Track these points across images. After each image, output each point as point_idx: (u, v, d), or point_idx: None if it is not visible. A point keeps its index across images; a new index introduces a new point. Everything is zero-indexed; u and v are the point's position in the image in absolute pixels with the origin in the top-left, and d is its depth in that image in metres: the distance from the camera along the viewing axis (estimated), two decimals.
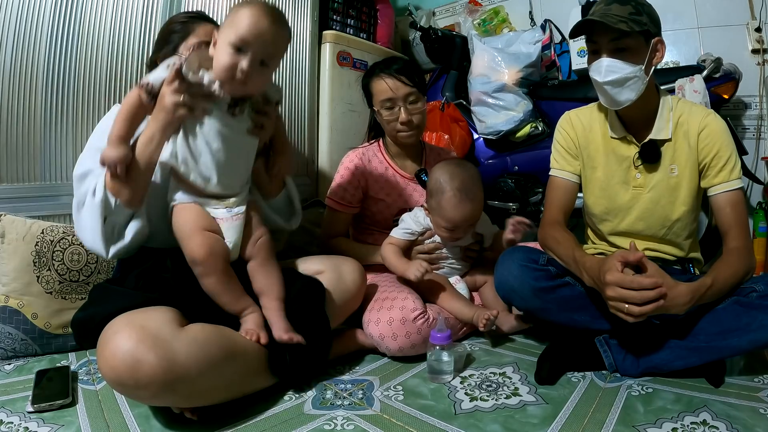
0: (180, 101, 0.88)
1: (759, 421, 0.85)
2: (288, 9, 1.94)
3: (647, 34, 1.04)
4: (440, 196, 1.26)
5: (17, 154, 1.27)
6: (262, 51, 0.88)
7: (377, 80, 1.42)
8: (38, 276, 1.21)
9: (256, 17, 0.87)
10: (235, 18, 0.88)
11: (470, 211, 1.27)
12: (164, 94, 0.89)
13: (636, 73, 1.04)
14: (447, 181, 1.26)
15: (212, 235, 0.96)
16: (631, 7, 1.03)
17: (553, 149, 1.27)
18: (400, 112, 1.40)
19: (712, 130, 1.08)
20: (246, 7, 0.88)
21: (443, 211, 1.26)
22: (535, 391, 1.00)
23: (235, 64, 0.87)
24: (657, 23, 1.07)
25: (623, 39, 1.03)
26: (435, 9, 2.79)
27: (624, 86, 1.06)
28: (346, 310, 1.19)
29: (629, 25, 1.01)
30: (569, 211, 1.24)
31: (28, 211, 1.28)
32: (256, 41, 0.87)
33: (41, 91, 1.30)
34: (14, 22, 1.23)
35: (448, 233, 1.30)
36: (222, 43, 0.88)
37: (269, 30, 0.87)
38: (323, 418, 0.90)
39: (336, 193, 1.48)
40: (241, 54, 0.87)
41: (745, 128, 1.96)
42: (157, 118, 0.90)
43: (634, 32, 1.01)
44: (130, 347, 0.76)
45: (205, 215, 0.97)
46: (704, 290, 0.95)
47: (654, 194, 1.14)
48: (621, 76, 1.04)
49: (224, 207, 0.98)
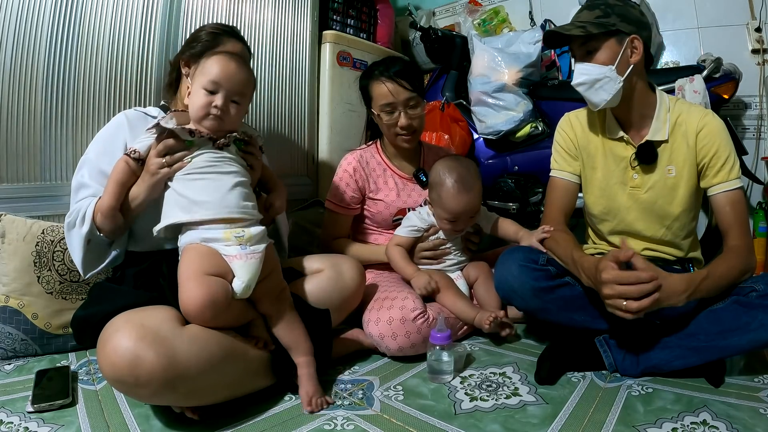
0: (162, 163, 0.95)
1: (759, 421, 0.86)
2: (288, 9, 1.94)
3: (616, 33, 1.05)
4: (440, 188, 1.32)
5: (17, 154, 1.27)
6: (232, 90, 0.97)
7: (377, 83, 1.40)
8: (38, 276, 1.21)
9: (223, 62, 0.97)
10: (205, 66, 0.98)
11: (469, 201, 1.32)
12: (150, 157, 0.97)
13: (606, 74, 1.06)
14: (446, 174, 1.32)
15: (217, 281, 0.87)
16: (599, 11, 1.06)
17: (553, 150, 1.28)
18: (399, 117, 1.39)
19: (711, 130, 1.08)
20: (213, 56, 0.99)
21: (443, 201, 1.31)
22: (535, 391, 1.00)
23: (210, 103, 0.95)
24: (635, 22, 1.06)
25: (588, 42, 1.07)
26: (435, 9, 2.79)
27: (594, 87, 1.08)
28: (345, 308, 1.19)
29: (587, 29, 1.04)
30: (569, 212, 1.24)
31: (29, 211, 1.28)
32: (226, 82, 0.96)
33: (41, 91, 1.30)
34: (14, 22, 1.24)
35: (450, 225, 1.35)
36: (196, 88, 0.97)
37: (236, 71, 0.98)
38: (323, 418, 0.90)
39: (335, 195, 1.48)
40: (214, 95, 0.95)
41: (745, 128, 1.96)
42: (144, 179, 0.98)
43: (594, 35, 1.04)
44: (130, 345, 0.76)
45: (214, 256, 0.90)
46: (699, 281, 0.95)
47: (651, 195, 1.14)
48: (589, 77, 1.07)
49: (238, 244, 0.91)
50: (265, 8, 1.85)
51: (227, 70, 0.96)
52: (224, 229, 0.91)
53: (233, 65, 0.97)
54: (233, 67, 0.97)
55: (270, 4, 1.87)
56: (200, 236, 0.91)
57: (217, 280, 0.87)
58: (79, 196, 1.05)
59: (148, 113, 1.15)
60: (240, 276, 0.90)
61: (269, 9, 1.87)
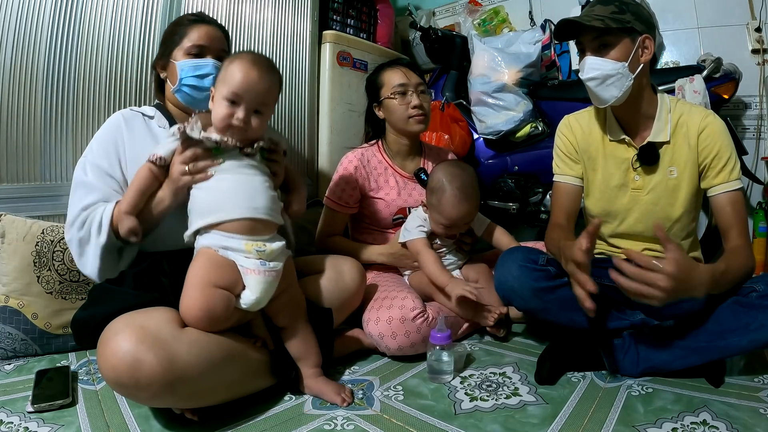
0: (185, 170, 0.93)
1: (759, 421, 0.86)
2: (288, 9, 1.94)
3: (631, 32, 1.04)
4: (441, 194, 1.31)
5: (17, 154, 1.27)
6: (253, 101, 0.93)
7: (390, 70, 1.49)
8: (38, 276, 1.21)
9: (245, 71, 0.92)
10: (227, 73, 0.94)
11: (468, 210, 1.32)
12: (174, 163, 0.95)
13: (619, 70, 1.05)
14: (448, 181, 1.31)
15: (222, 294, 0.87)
16: (614, 7, 1.05)
17: (555, 155, 1.27)
18: (412, 97, 1.45)
19: (712, 131, 1.08)
20: (236, 62, 0.94)
21: (443, 208, 1.30)
22: (535, 391, 1.00)
23: (231, 115, 0.92)
24: (646, 22, 1.06)
25: (604, 36, 1.05)
26: (435, 9, 2.79)
27: (606, 83, 1.07)
28: (346, 309, 1.19)
29: (606, 22, 1.03)
30: (574, 214, 1.24)
31: (28, 211, 1.28)
32: (247, 94, 0.92)
33: (41, 91, 1.30)
34: (14, 22, 1.24)
35: (445, 230, 1.34)
36: (218, 98, 0.93)
37: (258, 82, 0.93)
38: (323, 418, 0.90)
39: (334, 193, 1.48)
40: (236, 106, 0.92)
41: (745, 128, 1.96)
42: (167, 184, 0.97)
43: (613, 29, 1.03)
44: (130, 347, 0.76)
45: (228, 268, 0.89)
46: (719, 273, 0.94)
47: (653, 196, 1.14)
48: (602, 72, 1.06)
49: (258, 258, 0.90)
50: (265, 8, 1.85)
51: (248, 80, 0.92)
52: (246, 240, 0.90)
53: (254, 74, 0.93)
54: (254, 77, 0.92)
55: (270, 4, 1.87)
56: (220, 243, 0.90)
57: (222, 293, 0.87)
58: (80, 197, 1.01)
59: (145, 113, 1.14)
60: (252, 290, 0.89)
61: (269, 9, 1.87)
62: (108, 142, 1.07)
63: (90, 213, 0.98)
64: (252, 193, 0.94)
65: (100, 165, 1.03)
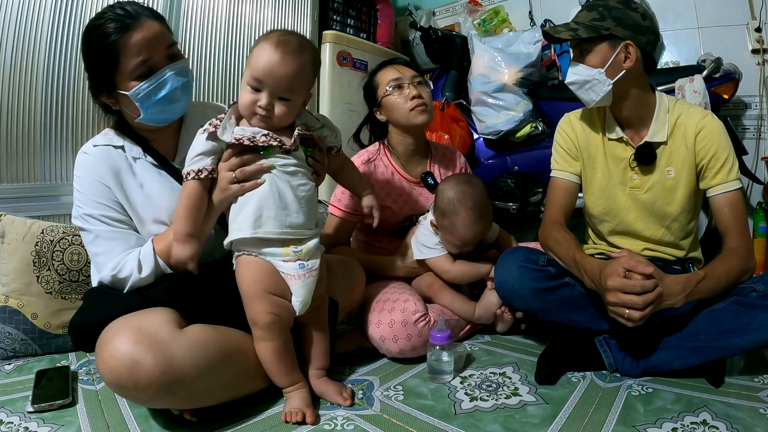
0: (233, 178, 0.88)
1: (759, 421, 0.86)
2: (288, 9, 1.94)
3: (610, 38, 1.05)
4: (454, 217, 1.24)
5: (17, 154, 1.27)
6: (277, 87, 0.87)
7: (382, 71, 1.46)
8: (38, 276, 1.21)
9: (267, 54, 0.86)
10: (252, 55, 0.88)
11: (484, 228, 1.29)
12: (221, 170, 0.89)
13: (595, 76, 1.07)
14: (460, 202, 1.24)
15: (280, 302, 0.89)
16: (596, 13, 1.07)
17: (554, 151, 1.27)
18: (409, 89, 1.40)
19: (710, 132, 1.08)
20: (261, 43, 0.88)
21: (456, 231, 1.25)
22: (535, 391, 1.00)
23: (254, 101, 0.87)
24: (632, 27, 1.05)
25: (582, 44, 1.09)
26: (435, 9, 2.79)
27: (584, 88, 1.11)
28: (345, 308, 1.18)
29: (577, 32, 1.06)
30: (570, 212, 1.24)
31: (28, 211, 1.28)
32: (269, 79, 0.86)
33: (41, 91, 1.30)
34: (14, 22, 1.24)
35: (458, 249, 1.30)
36: (244, 83, 0.88)
37: (280, 65, 0.85)
38: (323, 418, 0.90)
39: (340, 200, 1.42)
40: (259, 92, 0.87)
41: (745, 128, 1.96)
42: (216, 194, 0.90)
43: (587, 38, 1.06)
44: (129, 349, 0.76)
45: (273, 274, 0.89)
46: (696, 281, 0.95)
47: (650, 195, 1.14)
48: (580, 78, 1.10)
49: (296, 260, 0.89)
50: (265, 8, 1.86)
51: (270, 63, 0.85)
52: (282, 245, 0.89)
53: (276, 57, 0.85)
54: (276, 60, 0.85)
55: (270, 4, 1.88)
56: (258, 247, 0.89)
57: (284, 303, 0.89)
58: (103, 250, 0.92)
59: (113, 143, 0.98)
60: (298, 295, 0.90)
61: (269, 9, 1.87)
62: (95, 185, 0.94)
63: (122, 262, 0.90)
64: (290, 205, 0.89)
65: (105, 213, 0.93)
